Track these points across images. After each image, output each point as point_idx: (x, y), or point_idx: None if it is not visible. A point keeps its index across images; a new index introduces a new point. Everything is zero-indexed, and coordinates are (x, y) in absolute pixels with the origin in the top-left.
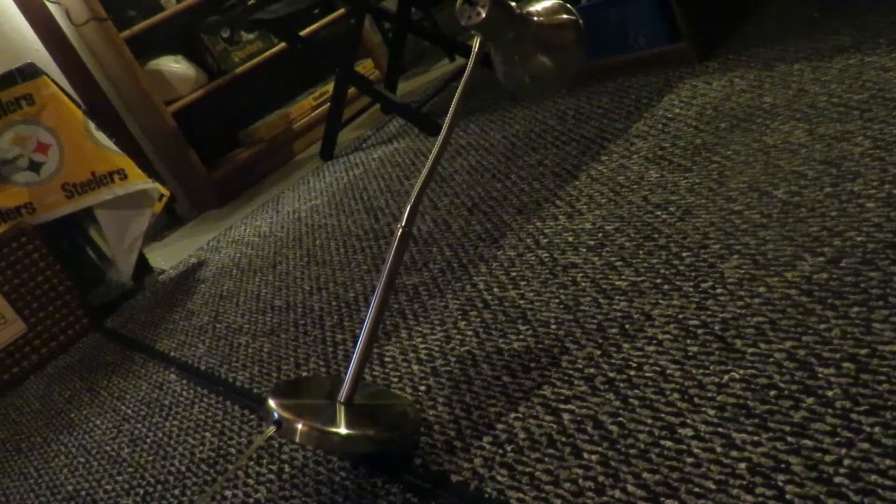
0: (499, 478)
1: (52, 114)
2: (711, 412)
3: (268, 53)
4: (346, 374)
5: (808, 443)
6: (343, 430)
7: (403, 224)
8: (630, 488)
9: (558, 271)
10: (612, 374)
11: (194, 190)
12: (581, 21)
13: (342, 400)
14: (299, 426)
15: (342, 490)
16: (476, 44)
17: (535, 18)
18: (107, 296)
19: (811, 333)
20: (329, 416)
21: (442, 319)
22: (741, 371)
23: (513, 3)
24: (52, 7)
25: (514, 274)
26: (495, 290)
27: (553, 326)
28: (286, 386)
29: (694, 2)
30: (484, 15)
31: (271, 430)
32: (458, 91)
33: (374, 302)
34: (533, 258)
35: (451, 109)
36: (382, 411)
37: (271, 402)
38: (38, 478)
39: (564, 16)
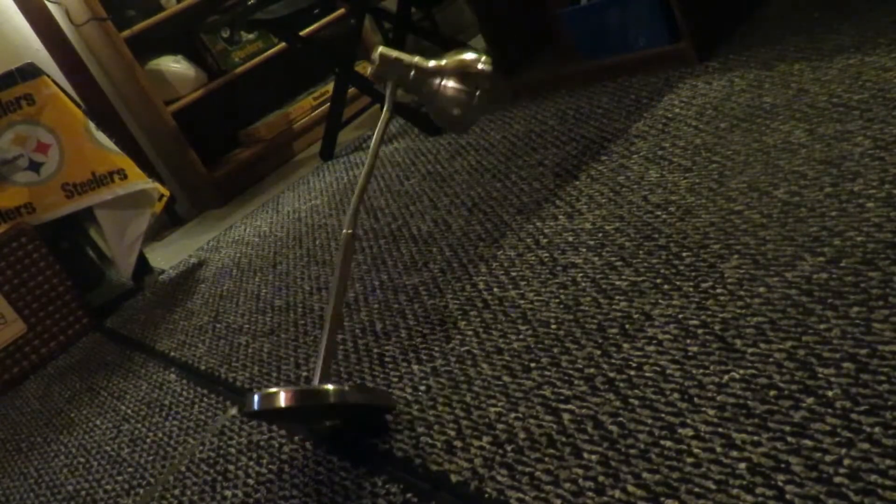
0: (499, 478)
1: (52, 114)
2: (711, 412)
3: (268, 53)
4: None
5: (808, 443)
6: (327, 386)
7: (346, 228)
8: (630, 488)
9: (558, 271)
10: (612, 374)
11: (194, 190)
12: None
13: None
14: (282, 392)
15: (342, 490)
16: (388, 89)
17: (432, 63)
18: (107, 296)
19: (811, 333)
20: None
21: (442, 319)
22: (741, 371)
23: (398, 54)
24: (52, 7)
25: (514, 274)
26: (495, 290)
27: (553, 326)
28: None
29: (694, 2)
30: (378, 62)
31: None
32: (377, 132)
33: (329, 306)
34: (533, 258)
35: (373, 146)
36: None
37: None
38: (38, 478)
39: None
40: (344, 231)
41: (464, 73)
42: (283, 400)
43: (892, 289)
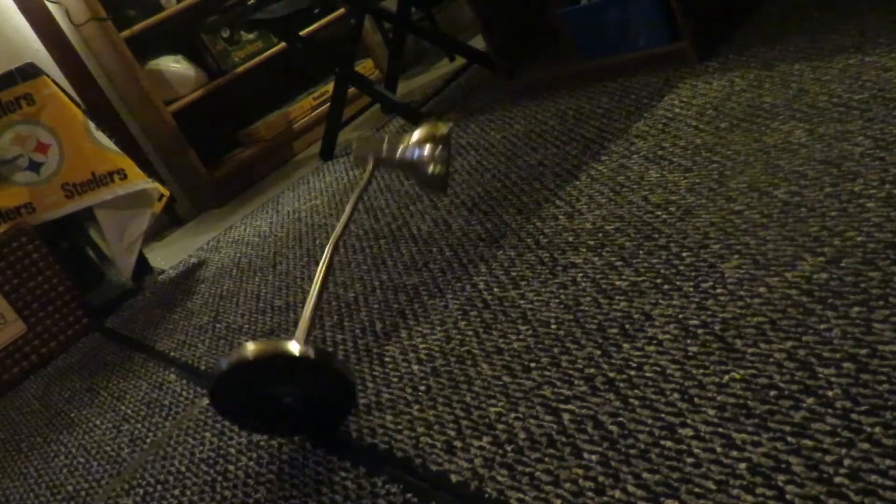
0: (499, 478)
1: (52, 114)
2: (711, 412)
3: (268, 53)
4: None
5: (808, 443)
6: (296, 344)
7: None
8: (630, 488)
9: (558, 271)
10: (612, 374)
11: (194, 190)
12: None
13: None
14: (250, 345)
15: (342, 490)
16: (370, 163)
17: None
18: (107, 296)
19: (811, 333)
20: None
21: (442, 319)
22: (741, 371)
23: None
24: (52, 7)
25: (514, 274)
26: (495, 290)
27: (553, 326)
28: None
29: (694, 2)
30: (356, 144)
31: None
32: (355, 195)
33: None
34: (533, 258)
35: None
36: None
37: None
38: (38, 478)
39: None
40: (326, 253)
41: (431, 136)
42: (249, 352)
43: (892, 289)
